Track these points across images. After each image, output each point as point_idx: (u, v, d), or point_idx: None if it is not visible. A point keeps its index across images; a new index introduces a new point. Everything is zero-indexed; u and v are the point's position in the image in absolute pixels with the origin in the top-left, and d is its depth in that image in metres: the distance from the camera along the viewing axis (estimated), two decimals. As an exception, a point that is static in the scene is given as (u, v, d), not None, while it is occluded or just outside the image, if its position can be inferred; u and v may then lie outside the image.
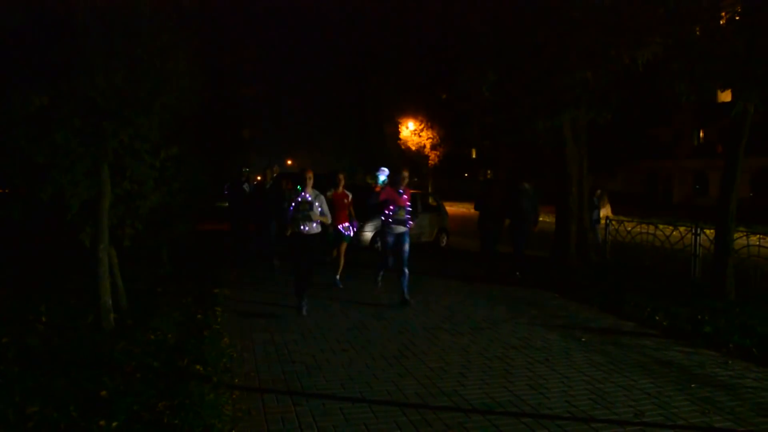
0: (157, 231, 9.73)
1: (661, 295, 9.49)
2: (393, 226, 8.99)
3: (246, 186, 13.17)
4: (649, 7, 9.23)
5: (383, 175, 9.27)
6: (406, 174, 9.22)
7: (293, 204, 8.14)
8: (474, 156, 63.54)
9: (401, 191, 9.07)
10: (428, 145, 46.37)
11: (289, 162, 75.61)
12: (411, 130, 46.37)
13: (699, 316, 8.01)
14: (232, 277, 10.67)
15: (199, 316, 7.68)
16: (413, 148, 46.55)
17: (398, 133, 46.90)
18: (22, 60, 6.83)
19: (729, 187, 9.43)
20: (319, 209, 8.25)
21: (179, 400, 4.84)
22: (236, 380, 5.55)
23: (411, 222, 9.10)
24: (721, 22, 8.98)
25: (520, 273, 11.48)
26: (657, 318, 8.11)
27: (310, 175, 8.31)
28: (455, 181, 59.25)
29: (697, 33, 8.92)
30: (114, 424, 4.36)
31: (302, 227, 8.09)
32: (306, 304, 8.29)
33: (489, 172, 59.01)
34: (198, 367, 5.69)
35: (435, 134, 46.18)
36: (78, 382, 5.16)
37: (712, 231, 10.13)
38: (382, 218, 9.08)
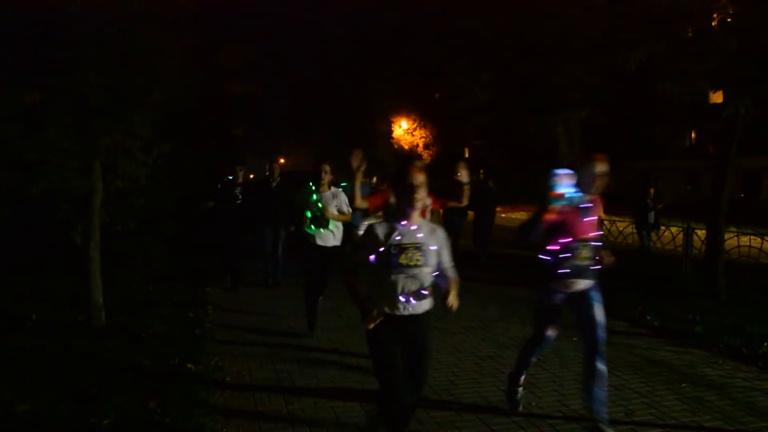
0: (149, 229, 9.70)
1: (653, 294, 9.53)
2: (568, 279, 4.54)
3: (238, 191, 9.80)
4: (642, 7, 9.25)
5: (565, 184, 4.26)
6: (602, 167, 4.46)
7: (380, 246, 3.63)
8: (467, 155, 63.60)
9: (586, 206, 4.52)
10: (421, 145, 46.42)
11: (282, 160, 75.53)
12: (404, 129, 46.41)
13: (690, 316, 8.05)
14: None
15: (190, 314, 7.67)
16: (406, 147, 46.59)
17: (391, 132, 46.92)
18: (12, 56, 6.79)
19: (720, 187, 9.48)
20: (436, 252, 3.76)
21: (170, 398, 4.83)
22: (228, 379, 5.54)
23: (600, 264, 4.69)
24: (713, 23, 9.02)
25: (484, 258, 13.02)
26: (648, 318, 8.14)
27: (419, 172, 3.67)
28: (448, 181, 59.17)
29: (690, 34, 8.96)
30: (104, 422, 4.35)
31: (402, 300, 3.65)
32: None
33: (482, 171, 59.08)
34: (189, 365, 5.68)
35: (428, 133, 46.23)
36: (68, 381, 5.14)
37: (703, 231, 10.18)
38: (545, 261, 4.57)
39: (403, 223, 3.65)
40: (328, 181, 7.01)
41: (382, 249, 3.59)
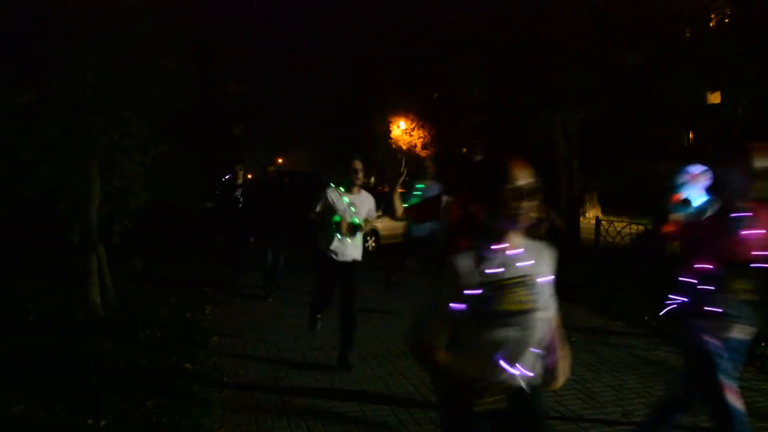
0: (146, 229, 9.68)
1: (650, 294, 9.51)
2: (718, 321, 3.23)
3: (239, 193, 8.88)
4: (641, 8, 9.27)
5: (696, 185, 3.25)
6: (764, 161, 3.02)
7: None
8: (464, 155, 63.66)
9: (742, 216, 3.13)
10: (419, 145, 46.39)
11: (280, 160, 75.44)
12: (402, 129, 46.37)
13: (687, 317, 8.04)
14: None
15: (188, 314, 7.66)
16: (404, 147, 46.56)
17: (389, 132, 46.91)
18: (9, 55, 6.77)
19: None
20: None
21: (168, 398, 4.82)
22: (225, 378, 5.54)
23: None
24: (711, 24, 9.03)
25: None
26: (646, 318, 8.14)
27: (525, 168, 2.32)
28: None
29: (688, 35, 8.97)
30: (102, 422, 4.34)
31: (508, 370, 2.30)
32: None
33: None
34: (187, 365, 5.68)
35: (426, 133, 46.18)
36: (65, 381, 5.13)
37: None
38: (683, 299, 3.44)
39: (499, 247, 2.32)
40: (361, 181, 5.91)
41: (471, 291, 2.24)
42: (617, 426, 4.72)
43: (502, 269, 2.28)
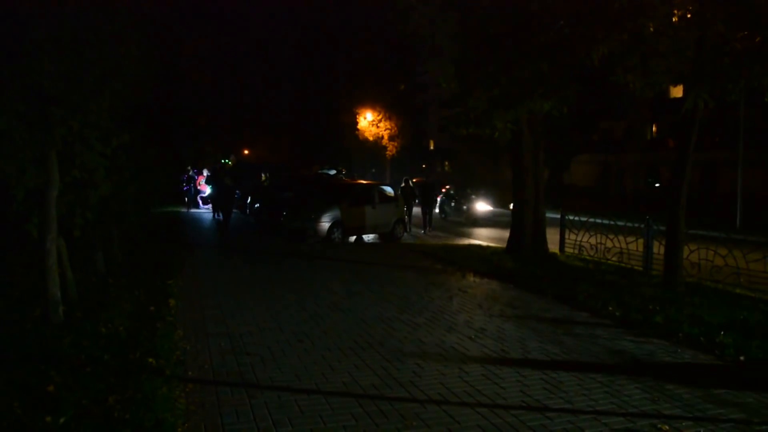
0: (108, 221, 9.49)
1: (614, 286, 9.67)
2: None
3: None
4: (605, 2, 9.35)
5: None
6: None
7: None
8: (432, 147, 63.86)
9: None
10: (386, 136, 46.38)
11: (246, 152, 74.63)
12: (369, 121, 46.30)
13: (650, 307, 8.19)
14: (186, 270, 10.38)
15: (151, 308, 7.53)
16: (371, 138, 46.51)
17: (356, 123, 46.79)
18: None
19: (679, 180, 9.65)
20: None
21: (130, 394, 4.73)
22: (190, 373, 5.45)
23: None
24: (674, 19, 9.15)
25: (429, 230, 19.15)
26: (610, 308, 8.26)
27: None
28: (413, 172, 59.57)
29: (651, 29, 9.07)
30: (61, 420, 4.23)
31: None
32: None
33: (446, 163, 59.47)
34: (150, 360, 5.57)
35: (393, 125, 46.21)
36: (23, 377, 4.99)
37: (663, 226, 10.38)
38: None
39: None
40: None
41: None
42: (581, 414, 4.78)
43: None
